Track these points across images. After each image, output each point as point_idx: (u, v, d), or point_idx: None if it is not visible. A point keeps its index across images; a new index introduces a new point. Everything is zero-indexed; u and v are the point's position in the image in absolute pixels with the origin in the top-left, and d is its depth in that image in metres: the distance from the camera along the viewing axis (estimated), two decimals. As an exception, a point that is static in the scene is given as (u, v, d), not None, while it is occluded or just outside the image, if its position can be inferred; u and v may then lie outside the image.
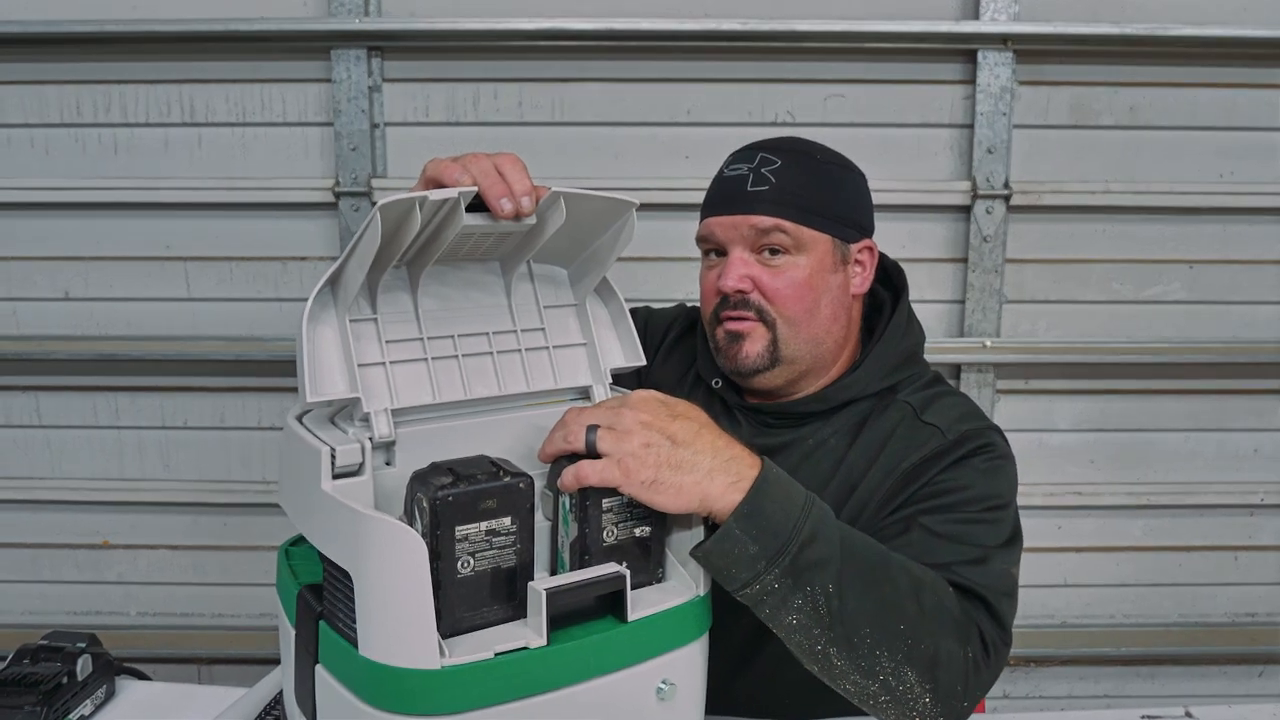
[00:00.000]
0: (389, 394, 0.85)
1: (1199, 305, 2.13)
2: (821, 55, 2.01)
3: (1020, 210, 2.06)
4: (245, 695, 1.14)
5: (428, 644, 0.73)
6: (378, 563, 0.73)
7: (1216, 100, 2.05)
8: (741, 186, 1.15)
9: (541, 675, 0.77)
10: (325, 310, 0.84)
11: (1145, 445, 2.19)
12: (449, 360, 0.89)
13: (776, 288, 1.14)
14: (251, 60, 2.03)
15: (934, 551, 1.01)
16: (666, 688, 0.83)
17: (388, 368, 0.86)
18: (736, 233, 1.15)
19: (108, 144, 2.07)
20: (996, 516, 1.07)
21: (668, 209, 2.02)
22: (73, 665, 1.11)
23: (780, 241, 1.14)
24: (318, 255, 2.10)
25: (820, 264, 1.16)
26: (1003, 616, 1.00)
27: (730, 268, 1.15)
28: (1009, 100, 1.99)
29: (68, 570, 2.25)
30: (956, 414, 1.15)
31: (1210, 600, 2.26)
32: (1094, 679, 2.28)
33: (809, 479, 1.11)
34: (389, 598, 0.74)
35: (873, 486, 1.12)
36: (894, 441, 1.14)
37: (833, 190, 1.17)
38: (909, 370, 1.21)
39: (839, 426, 1.18)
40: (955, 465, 1.09)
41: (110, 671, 1.18)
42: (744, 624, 1.14)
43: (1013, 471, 1.13)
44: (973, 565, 1.01)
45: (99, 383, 2.17)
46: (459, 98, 2.05)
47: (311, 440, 0.82)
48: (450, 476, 0.77)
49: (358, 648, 0.75)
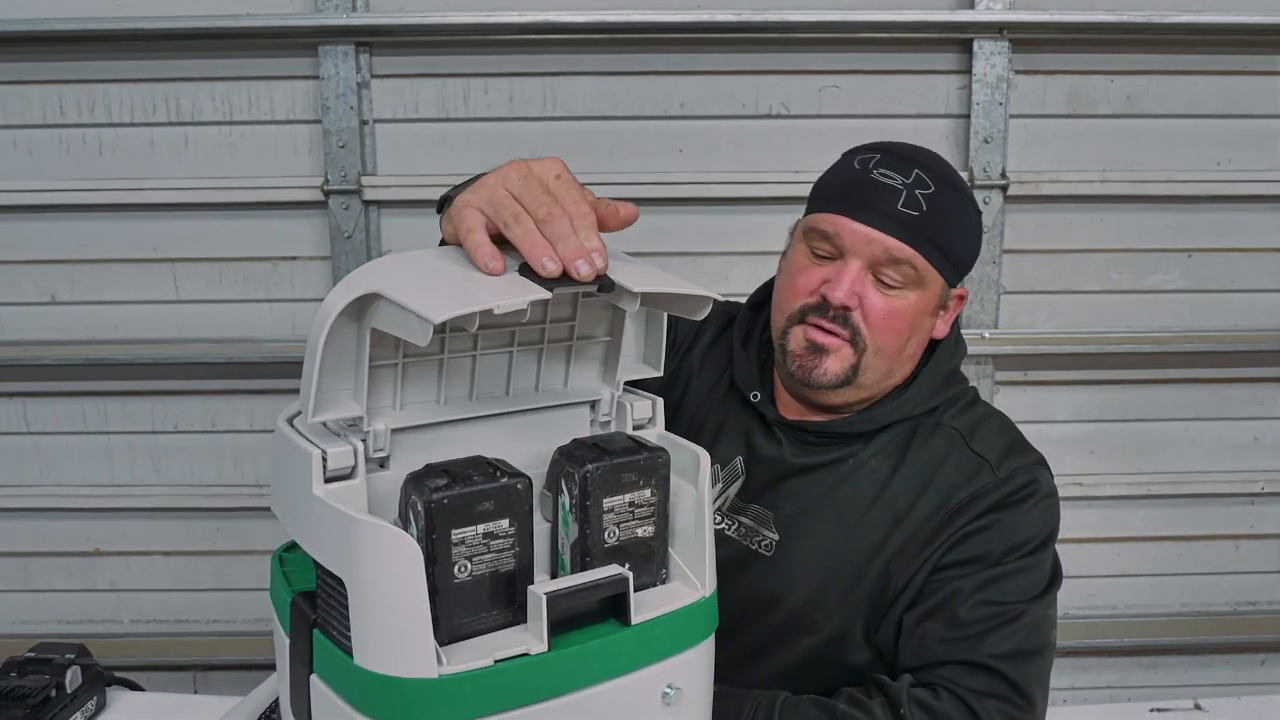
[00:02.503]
0: (394, 403, 0.82)
1: (1198, 294, 2.12)
2: (815, 46, 2.00)
3: (1017, 200, 2.04)
4: (239, 705, 1.12)
5: (425, 652, 0.71)
6: (371, 569, 0.71)
7: (1214, 88, 2.03)
8: (892, 202, 1.06)
9: (543, 682, 0.75)
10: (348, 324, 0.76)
11: (1145, 435, 2.17)
12: (464, 358, 0.84)
13: (881, 316, 1.08)
14: (238, 58, 2.00)
15: (961, 622, 1.05)
16: (672, 692, 0.81)
17: (400, 368, 0.81)
18: (869, 248, 1.06)
19: (92, 144, 2.05)
20: (1036, 561, 1.08)
21: (661, 203, 2.01)
22: (61, 677, 1.09)
23: (905, 274, 1.07)
24: (308, 255, 2.07)
25: (927, 304, 1.10)
26: (1022, 684, 1.03)
27: (845, 279, 1.07)
28: (1005, 90, 1.97)
29: (59, 579, 2.22)
30: (1004, 444, 1.13)
31: (1212, 589, 2.25)
32: (1097, 670, 2.27)
33: (848, 501, 1.12)
34: (384, 605, 0.71)
35: (920, 520, 1.09)
36: (943, 472, 1.11)
37: (966, 233, 1.12)
38: (953, 389, 1.18)
39: (880, 448, 1.14)
40: (1001, 509, 1.08)
41: (100, 683, 1.16)
42: (751, 630, 1.13)
43: (1057, 507, 1.13)
44: (1002, 629, 1.04)
45: (88, 388, 2.14)
46: (449, 93, 2.02)
47: (302, 444, 0.80)
48: (445, 478, 0.75)
49: (353, 657, 0.73)
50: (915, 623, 1.08)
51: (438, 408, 0.84)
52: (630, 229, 0.86)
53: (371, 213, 2.04)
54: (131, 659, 2.16)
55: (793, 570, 1.12)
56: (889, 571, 1.09)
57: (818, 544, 1.12)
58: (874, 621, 1.11)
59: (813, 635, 1.12)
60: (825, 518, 1.13)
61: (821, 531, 1.12)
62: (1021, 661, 1.04)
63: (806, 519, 1.13)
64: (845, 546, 1.11)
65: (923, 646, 1.06)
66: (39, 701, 1.06)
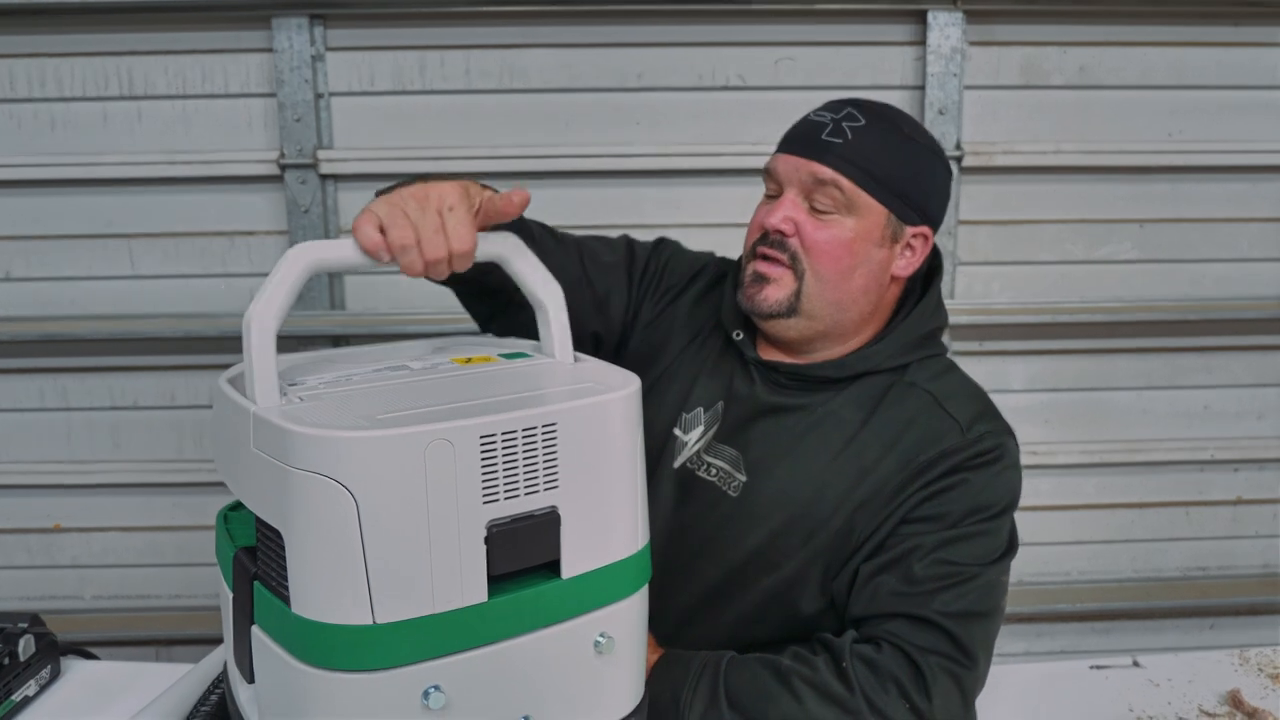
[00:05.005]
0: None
1: (1150, 264, 2.15)
2: (771, 18, 2.00)
3: (972, 171, 2.06)
4: (190, 671, 1.13)
5: (359, 600, 0.72)
6: (305, 520, 0.72)
7: (1165, 59, 2.06)
8: (817, 133, 1.13)
9: (478, 629, 0.76)
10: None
11: (1098, 404, 2.21)
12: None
13: (816, 240, 1.12)
14: (191, 31, 1.98)
15: (915, 578, 1.06)
16: (604, 640, 0.83)
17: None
18: (796, 175, 1.13)
19: (44, 119, 2.02)
20: (995, 526, 1.10)
21: (619, 175, 2.01)
22: (14, 646, 1.09)
23: (833, 197, 1.11)
24: (264, 230, 2.07)
25: (867, 233, 1.13)
26: (966, 643, 1.05)
27: (779, 206, 1.13)
28: (959, 61, 1.99)
29: (19, 555, 2.21)
30: (976, 409, 1.15)
31: (1162, 555, 2.30)
32: (1050, 635, 2.31)
33: (816, 447, 1.15)
34: (319, 555, 0.72)
35: (887, 474, 1.11)
36: (913, 430, 1.12)
37: (906, 166, 1.14)
38: (928, 350, 1.19)
39: (851, 399, 1.16)
40: (968, 469, 1.10)
41: (54, 651, 1.16)
42: (713, 570, 1.15)
43: (1019, 478, 1.15)
44: (954, 588, 1.06)
45: (45, 364, 2.12)
46: (405, 66, 2.01)
47: (240, 400, 0.81)
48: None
49: (290, 606, 0.74)
50: (871, 574, 1.09)
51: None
52: (586, 201, 0.92)
53: (329, 187, 2.03)
54: (94, 634, 2.15)
55: (755, 509, 1.14)
56: (853, 522, 1.11)
57: (781, 485, 1.14)
58: (833, 569, 1.12)
59: (770, 575, 1.14)
60: (791, 461, 1.14)
61: (786, 474, 1.14)
62: (969, 621, 1.06)
63: (773, 462, 1.15)
64: (809, 491, 1.13)
65: (875, 598, 1.08)
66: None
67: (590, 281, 1.25)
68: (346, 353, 1.01)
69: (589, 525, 0.82)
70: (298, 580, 0.73)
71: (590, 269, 1.26)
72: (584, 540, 0.82)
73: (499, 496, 0.76)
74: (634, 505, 0.86)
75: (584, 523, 0.81)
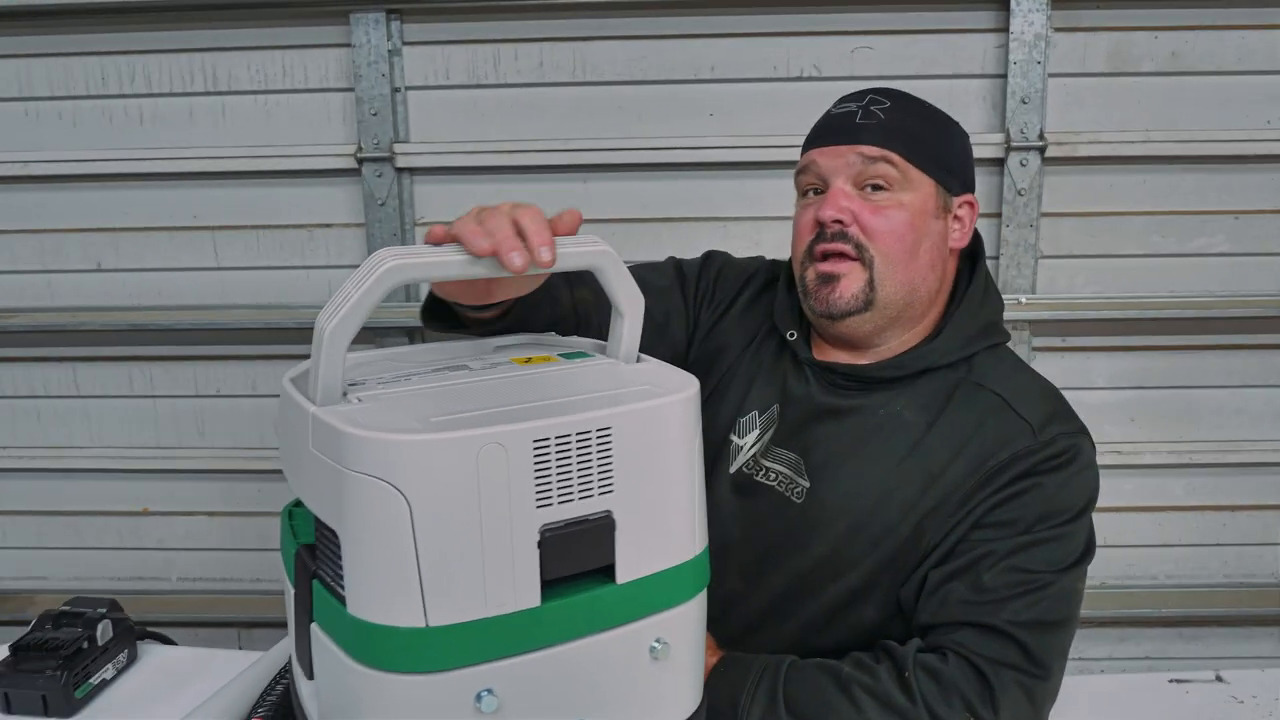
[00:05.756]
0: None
1: (1245, 258, 2.05)
2: (847, 6, 1.96)
3: (1056, 162, 1.99)
4: (259, 660, 1.16)
5: (412, 603, 0.72)
6: (360, 521, 0.73)
7: (1264, 43, 1.95)
8: (850, 120, 1.13)
9: (531, 634, 0.76)
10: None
11: (1188, 402, 2.12)
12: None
13: (877, 224, 1.10)
14: (272, 27, 2.02)
15: (985, 586, 1.04)
16: (660, 646, 0.82)
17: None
18: (841, 161, 1.12)
19: (134, 115, 2.09)
20: (1070, 531, 1.07)
21: (692, 168, 1.99)
22: (93, 630, 1.13)
23: (886, 174, 1.10)
24: (342, 222, 2.10)
25: (924, 206, 1.12)
26: (1038, 654, 1.02)
27: (831, 198, 1.11)
28: (1043, 48, 1.92)
29: (110, 537, 2.30)
30: (1048, 409, 1.11)
31: (1256, 561, 2.20)
32: (1135, 640, 2.24)
33: (880, 451, 1.12)
34: (374, 556, 0.73)
35: (956, 479, 1.08)
36: (983, 432, 1.09)
37: (941, 137, 1.15)
38: (988, 340, 1.17)
39: (914, 399, 1.13)
40: (1041, 473, 1.07)
41: (131, 636, 1.20)
42: (778, 578, 1.14)
43: (1096, 479, 1.11)
44: (1026, 596, 1.03)
45: (133, 353, 2.20)
46: (479, 59, 2.03)
47: (301, 400, 0.82)
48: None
49: (346, 606, 0.75)
50: (940, 581, 1.07)
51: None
52: (659, 195, 0.91)
53: (404, 180, 2.06)
54: (178, 615, 2.24)
55: (821, 515, 1.12)
56: (922, 529, 1.09)
57: (846, 491, 1.12)
58: (901, 577, 1.10)
59: (836, 582, 1.11)
60: (855, 466, 1.12)
61: (850, 479, 1.12)
62: (1042, 631, 1.03)
63: (837, 466, 1.13)
64: (875, 496, 1.10)
65: (944, 605, 1.06)
66: (71, 653, 1.10)
67: (647, 310, 1.24)
68: (408, 351, 1.02)
69: (645, 530, 0.81)
70: (353, 581, 0.74)
71: (645, 298, 1.24)
72: (639, 545, 0.81)
73: (552, 501, 0.76)
74: (691, 510, 0.85)
75: (639, 527, 0.80)
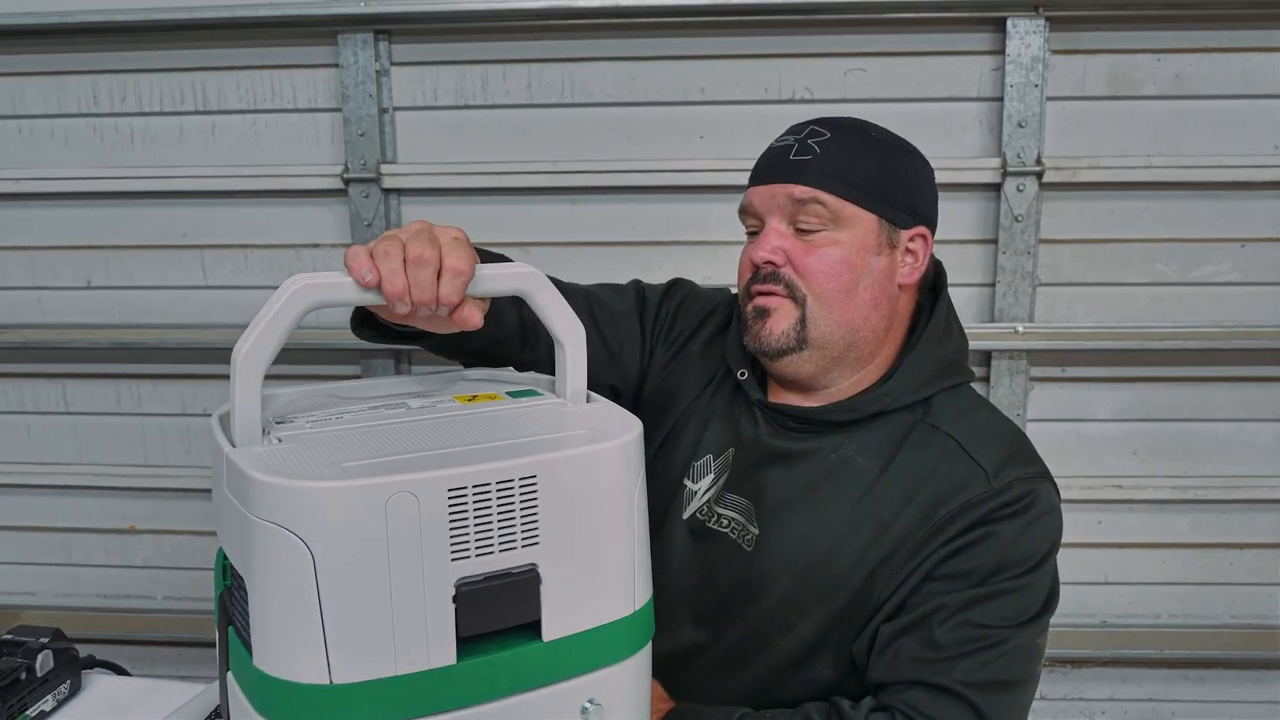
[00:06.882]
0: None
1: (1252, 287, 1.99)
2: (840, 28, 1.92)
3: (1054, 188, 1.94)
4: (203, 692, 1.13)
5: (316, 658, 0.69)
6: (264, 569, 0.70)
7: (1270, 66, 1.90)
8: (784, 156, 1.10)
9: (447, 693, 0.73)
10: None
11: (1193, 436, 2.06)
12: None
13: (810, 263, 1.07)
14: (260, 47, 2.01)
15: (937, 643, 0.99)
16: (592, 708, 0.78)
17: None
18: (774, 202, 1.09)
19: (124, 133, 2.08)
20: (1028, 583, 1.02)
21: (682, 190, 1.96)
22: (33, 661, 1.10)
23: (817, 214, 1.07)
24: (329, 243, 2.08)
25: (862, 244, 1.07)
26: (991, 716, 0.98)
27: (763, 239, 1.09)
28: (1041, 71, 1.88)
29: (97, 554, 2.29)
30: (1004, 452, 1.06)
31: (1265, 601, 2.13)
32: (1137, 681, 2.17)
33: (830, 498, 1.07)
34: (277, 607, 0.70)
35: (908, 528, 1.04)
36: (935, 478, 1.05)
37: (884, 169, 1.09)
38: (947, 381, 1.11)
39: (866, 443, 1.09)
40: (994, 521, 1.02)
41: (76, 666, 1.17)
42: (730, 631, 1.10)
43: (1058, 525, 1.06)
44: (979, 654, 0.99)
45: (122, 370, 2.19)
46: (468, 80, 2.01)
47: (221, 439, 0.79)
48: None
49: (252, 658, 0.72)
50: (891, 637, 1.03)
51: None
52: (650, 219, 0.89)
53: (391, 200, 2.04)
54: (165, 635, 2.22)
55: (770, 564, 1.08)
56: (873, 579, 1.04)
57: (796, 538, 1.07)
58: (853, 633, 1.06)
59: (787, 635, 1.07)
60: (805, 512, 1.08)
61: (800, 527, 1.08)
62: (996, 692, 0.99)
63: (787, 513, 1.09)
64: (825, 545, 1.06)
65: (895, 663, 1.01)
66: (7, 684, 1.07)
67: (601, 333, 1.21)
68: (352, 386, 0.99)
69: (575, 585, 0.77)
70: (258, 632, 0.71)
71: (601, 320, 1.21)
72: (569, 601, 0.77)
73: (470, 554, 0.72)
74: (630, 563, 0.81)
75: (569, 582, 0.77)
